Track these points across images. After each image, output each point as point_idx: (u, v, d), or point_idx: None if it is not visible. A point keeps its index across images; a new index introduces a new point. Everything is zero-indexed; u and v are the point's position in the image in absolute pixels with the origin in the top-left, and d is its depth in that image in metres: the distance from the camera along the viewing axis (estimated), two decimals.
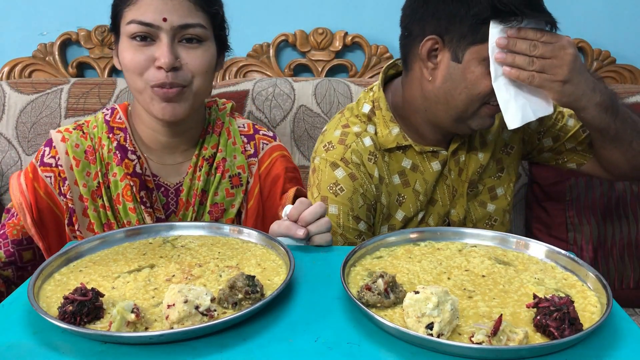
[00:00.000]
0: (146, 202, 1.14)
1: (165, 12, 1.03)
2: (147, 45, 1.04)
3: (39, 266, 1.02)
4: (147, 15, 1.03)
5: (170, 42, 1.04)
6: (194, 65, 1.06)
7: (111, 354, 0.65)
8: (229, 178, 1.19)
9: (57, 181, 1.14)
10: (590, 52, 1.84)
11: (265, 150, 1.25)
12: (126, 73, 1.08)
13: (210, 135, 1.20)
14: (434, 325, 0.65)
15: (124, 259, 0.89)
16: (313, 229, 0.94)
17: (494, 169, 1.30)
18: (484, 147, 1.28)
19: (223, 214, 1.20)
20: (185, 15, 1.05)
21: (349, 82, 1.72)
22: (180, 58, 1.05)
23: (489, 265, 0.86)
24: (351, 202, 1.18)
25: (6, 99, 1.67)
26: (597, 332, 0.68)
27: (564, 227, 1.66)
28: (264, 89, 1.70)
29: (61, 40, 1.85)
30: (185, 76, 1.06)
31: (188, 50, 1.06)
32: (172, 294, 0.70)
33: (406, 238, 0.95)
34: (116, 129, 1.17)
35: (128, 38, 1.05)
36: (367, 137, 1.21)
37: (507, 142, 1.30)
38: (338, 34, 1.85)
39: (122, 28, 1.06)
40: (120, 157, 1.14)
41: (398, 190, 1.24)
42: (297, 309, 0.76)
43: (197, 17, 1.06)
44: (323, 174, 1.20)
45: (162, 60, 1.02)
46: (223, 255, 0.90)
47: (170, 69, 1.03)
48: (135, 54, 1.05)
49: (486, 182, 1.30)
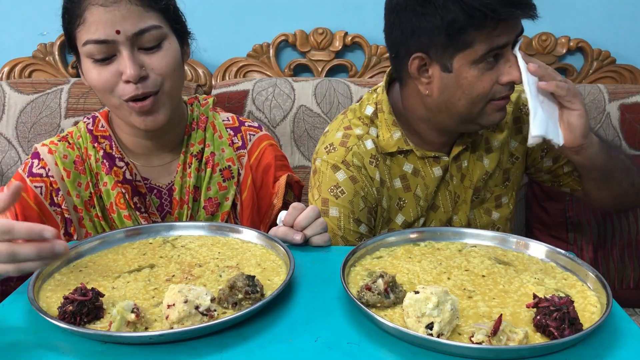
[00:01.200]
0: (140, 207, 1.14)
1: (117, 24, 0.99)
2: (109, 63, 1.02)
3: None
4: (99, 32, 0.99)
5: (130, 53, 1.01)
6: (160, 69, 1.04)
7: (111, 354, 0.65)
8: (219, 172, 1.19)
9: (49, 191, 1.11)
10: (590, 52, 1.84)
11: (253, 141, 1.24)
12: (97, 92, 1.06)
13: (195, 131, 1.19)
14: (434, 325, 0.66)
15: (124, 259, 0.89)
16: (309, 232, 0.95)
17: (500, 178, 1.29)
18: (490, 154, 1.26)
19: (218, 208, 1.19)
20: (137, 21, 1.01)
21: (349, 82, 1.72)
22: (145, 65, 1.02)
23: (489, 265, 0.86)
24: (352, 205, 1.18)
25: (6, 99, 1.67)
26: (597, 332, 0.68)
27: (564, 227, 1.66)
28: (264, 89, 1.70)
29: (61, 40, 1.84)
30: (155, 81, 1.04)
31: (150, 55, 1.03)
32: (172, 294, 0.70)
33: (406, 238, 0.95)
34: (100, 137, 1.15)
35: (88, 59, 1.03)
36: (369, 140, 1.21)
37: (513, 152, 1.29)
38: (338, 34, 1.85)
39: (80, 49, 1.04)
40: (109, 165, 1.13)
41: (399, 195, 1.23)
42: (297, 309, 0.76)
43: (149, 18, 1.03)
44: (324, 176, 1.20)
45: (128, 73, 1.00)
46: (223, 255, 0.90)
47: (138, 80, 1.01)
48: (101, 73, 1.02)
49: (494, 190, 1.29)
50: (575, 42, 1.83)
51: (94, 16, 1.00)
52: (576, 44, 1.83)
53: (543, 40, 1.82)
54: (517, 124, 1.28)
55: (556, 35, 1.83)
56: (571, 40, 1.83)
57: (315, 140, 1.67)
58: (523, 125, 1.27)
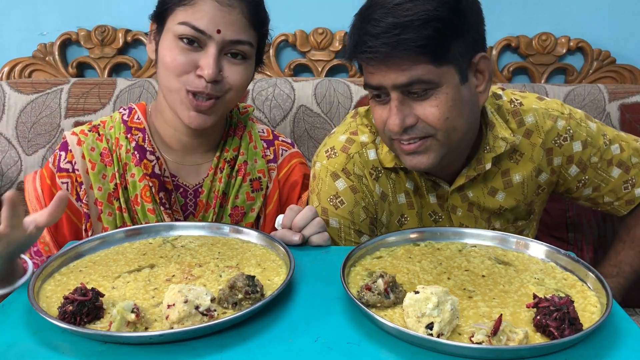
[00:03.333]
0: (165, 203, 1.13)
1: (221, 24, 1.01)
2: (192, 50, 1.02)
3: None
4: (202, 22, 1.01)
5: (217, 54, 1.02)
6: (234, 80, 1.05)
7: (111, 354, 0.65)
8: (249, 182, 1.19)
9: (74, 187, 1.12)
10: (590, 52, 1.84)
11: (284, 156, 1.25)
12: (162, 70, 1.06)
13: (232, 137, 1.20)
14: (434, 325, 0.66)
15: (124, 259, 0.89)
16: (307, 232, 0.95)
17: (524, 212, 1.20)
18: (508, 188, 1.15)
19: (243, 218, 1.19)
20: (239, 32, 1.03)
21: (349, 82, 1.72)
22: (223, 71, 1.04)
23: (489, 265, 0.86)
24: (352, 216, 1.13)
25: (6, 99, 1.66)
26: (597, 332, 0.68)
27: (564, 227, 1.66)
28: (264, 89, 1.70)
29: (61, 40, 1.84)
30: (222, 88, 1.05)
31: (231, 64, 1.05)
32: (172, 294, 0.70)
33: (406, 238, 0.95)
34: (134, 129, 1.15)
35: (174, 37, 1.03)
36: (372, 150, 1.14)
37: (541, 184, 1.18)
38: (338, 34, 1.85)
39: (170, 24, 1.04)
40: (139, 157, 1.13)
41: (402, 211, 1.16)
42: (297, 309, 0.76)
43: (249, 35, 1.05)
44: (323, 184, 1.14)
45: (206, 72, 1.01)
46: (223, 255, 0.90)
47: (211, 81, 1.02)
48: (179, 55, 1.02)
49: (521, 226, 1.21)
50: (575, 42, 1.83)
51: (205, 6, 1.01)
52: (576, 44, 1.83)
53: (543, 40, 1.82)
54: (549, 156, 1.16)
55: (556, 35, 1.83)
56: (571, 40, 1.83)
57: (315, 140, 1.67)
58: (554, 157, 1.16)
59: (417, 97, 0.96)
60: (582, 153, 1.16)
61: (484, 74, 1.01)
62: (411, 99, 0.97)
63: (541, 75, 1.86)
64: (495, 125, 1.10)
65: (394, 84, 0.95)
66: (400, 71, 0.94)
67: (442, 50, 0.93)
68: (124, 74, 1.91)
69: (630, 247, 1.25)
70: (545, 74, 1.85)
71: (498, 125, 1.10)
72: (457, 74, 0.96)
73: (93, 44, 1.85)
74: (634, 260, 1.25)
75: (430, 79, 0.94)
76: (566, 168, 1.17)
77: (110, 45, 1.84)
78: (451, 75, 0.96)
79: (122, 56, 1.86)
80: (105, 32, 1.83)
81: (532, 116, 1.14)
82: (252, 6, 1.05)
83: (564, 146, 1.15)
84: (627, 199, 1.21)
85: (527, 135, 1.14)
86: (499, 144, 1.09)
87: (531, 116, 1.14)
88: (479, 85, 1.01)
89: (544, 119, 1.14)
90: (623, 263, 1.25)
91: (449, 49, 0.94)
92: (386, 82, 0.96)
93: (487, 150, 1.10)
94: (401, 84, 0.95)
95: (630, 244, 1.25)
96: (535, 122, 1.14)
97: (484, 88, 1.02)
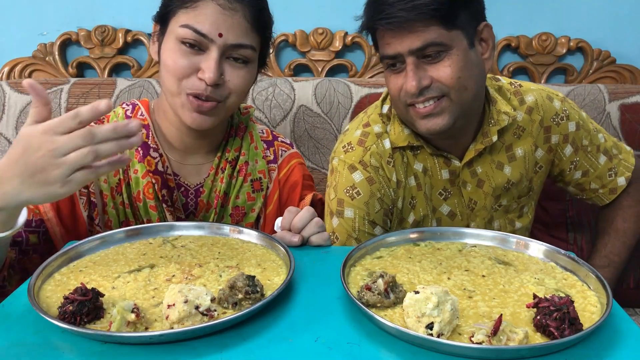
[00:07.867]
0: (167, 200, 1.14)
1: (223, 28, 1.01)
2: (194, 53, 1.02)
3: (39, 251, 1.00)
4: (204, 25, 1.00)
5: (219, 58, 1.02)
6: (235, 84, 1.05)
7: (111, 354, 0.65)
8: (250, 182, 1.19)
9: None
10: (590, 52, 1.84)
11: (284, 157, 1.25)
12: (164, 73, 1.06)
13: (233, 138, 1.20)
14: (434, 325, 0.66)
15: (124, 259, 0.89)
16: (306, 232, 0.96)
17: (525, 188, 1.26)
18: (513, 162, 1.22)
19: (243, 218, 1.20)
20: (241, 35, 1.03)
21: (349, 82, 1.72)
22: (224, 74, 1.04)
23: (489, 265, 0.86)
24: (367, 207, 1.16)
25: (6, 99, 1.66)
26: (597, 332, 0.68)
27: (564, 227, 1.66)
28: (264, 89, 1.70)
29: (61, 40, 1.84)
30: (223, 92, 1.05)
31: (233, 68, 1.05)
32: (172, 294, 0.70)
33: (406, 238, 0.95)
34: None
35: (176, 39, 1.03)
36: (387, 139, 1.19)
37: (538, 161, 1.25)
38: (338, 34, 1.85)
39: (172, 26, 1.04)
40: (143, 154, 1.13)
41: (412, 193, 1.21)
42: (297, 309, 0.76)
43: (251, 38, 1.05)
44: (341, 177, 1.19)
45: (207, 75, 1.01)
46: (223, 256, 0.90)
47: (213, 84, 1.02)
48: (181, 58, 1.02)
49: (520, 200, 1.27)
50: (575, 42, 1.83)
51: (207, 9, 1.01)
52: (576, 44, 1.83)
53: (543, 40, 1.82)
54: (547, 133, 1.24)
55: (556, 35, 1.83)
56: (571, 40, 1.83)
57: (316, 140, 1.67)
58: (552, 135, 1.24)
59: (431, 60, 1.05)
60: (576, 134, 1.26)
61: (487, 42, 1.11)
62: (426, 62, 1.06)
63: (541, 75, 1.86)
64: (497, 101, 1.19)
65: (410, 49, 1.04)
66: (415, 36, 1.03)
67: (452, 15, 1.03)
68: (124, 74, 1.92)
69: (616, 238, 1.33)
70: (545, 74, 1.85)
71: (499, 101, 1.19)
72: (465, 38, 1.06)
73: (93, 44, 1.85)
74: (621, 251, 1.33)
75: (442, 41, 1.03)
76: (562, 147, 1.25)
77: (110, 46, 1.84)
78: (460, 40, 1.05)
79: (122, 56, 1.86)
80: (105, 32, 1.83)
81: (532, 95, 1.24)
82: (255, 10, 1.05)
83: (561, 125, 1.24)
84: (610, 187, 1.30)
85: (529, 112, 1.23)
86: (502, 118, 1.17)
87: (531, 95, 1.24)
88: (484, 53, 1.11)
89: (543, 98, 1.23)
90: (612, 254, 1.33)
91: (457, 15, 1.03)
92: (402, 48, 1.04)
93: (492, 123, 1.17)
94: (416, 48, 1.03)
95: (615, 235, 1.33)
96: (535, 100, 1.23)
97: (489, 55, 1.12)
